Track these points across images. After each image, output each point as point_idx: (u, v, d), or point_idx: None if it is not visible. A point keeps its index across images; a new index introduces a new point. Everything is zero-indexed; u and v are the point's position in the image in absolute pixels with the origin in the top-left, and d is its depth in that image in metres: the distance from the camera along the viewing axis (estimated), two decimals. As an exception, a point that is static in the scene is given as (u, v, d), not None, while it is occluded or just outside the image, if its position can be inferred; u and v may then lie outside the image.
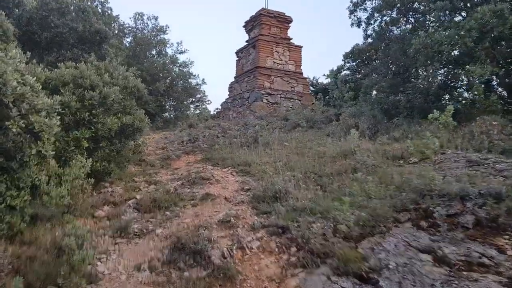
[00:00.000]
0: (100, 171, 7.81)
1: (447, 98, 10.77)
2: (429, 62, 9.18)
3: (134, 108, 8.27)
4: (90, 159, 6.59)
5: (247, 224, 5.55)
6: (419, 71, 10.13)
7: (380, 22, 13.07)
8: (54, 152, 4.85)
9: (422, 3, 11.64)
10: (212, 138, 13.25)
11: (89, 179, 6.56)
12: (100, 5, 19.25)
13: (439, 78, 9.67)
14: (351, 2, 12.81)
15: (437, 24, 9.40)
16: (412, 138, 9.14)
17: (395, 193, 5.95)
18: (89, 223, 5.88)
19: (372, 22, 13.07)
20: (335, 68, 23.24)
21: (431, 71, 9.05)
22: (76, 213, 5.93)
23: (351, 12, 12.82)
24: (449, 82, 10.70)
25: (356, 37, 71.26)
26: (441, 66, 9.15)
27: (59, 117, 4.96)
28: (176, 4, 65.24)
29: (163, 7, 60.12)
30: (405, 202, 5.64)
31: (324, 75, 24.63)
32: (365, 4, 12.77)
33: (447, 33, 8.98)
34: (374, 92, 14.01)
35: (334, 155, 8.64)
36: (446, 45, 8.87)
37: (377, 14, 12.85)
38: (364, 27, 13.22)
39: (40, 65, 7.09)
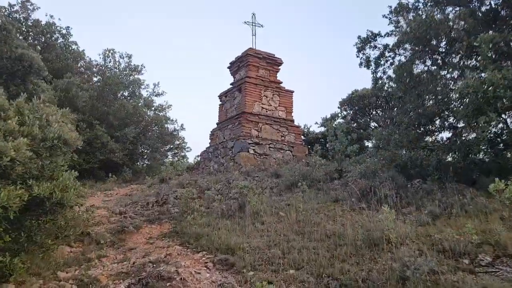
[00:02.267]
0: (-6, 272, 4.87)
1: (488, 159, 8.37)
2: (479, 111, 6.76)
3: (59, 169, 5.46)
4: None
5: None
6: (466, 122, 7.71)
7: (392, 63, 10.91)
8: None
9: (444, 41, 9.54)
10: (186, 200, 10.38)
11: None
12: (61, 38, 16.84)
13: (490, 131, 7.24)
14: (358, 38, 10.64)
15: (484, 63, 7.08)
16: (458, 215, 6.57)
17: None
18: None
19: (382, 62, 10.88)
20: (328, 116, 21.18)
21: (482, 123, 6.60)
22: None
23: (359, 49, 10.62)
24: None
25: (348, 84, 69.91)
26: (497, 116, 6.74)
27: None
28: (153, 45, 63.99)
29: (140, 47, 58.61)
30: None
31: (316, 123, 22.40)
32: (376, 40, 10.60)
33: (502, 74, 6.63)
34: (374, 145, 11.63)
35: (357, 242, 5.90)
36: (502, 90, 6.49)
37: (389, 53, 10.68)
38: (374, 68, 10.99)
39: None
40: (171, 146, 26.19)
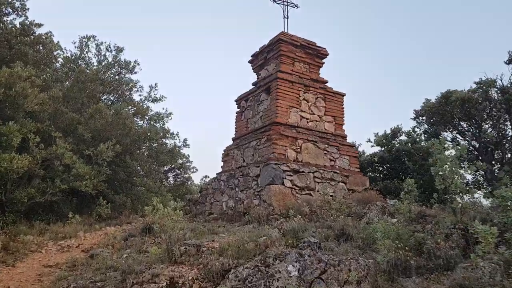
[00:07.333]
0: None
1: None
2: None
3: None
4: None
5: None
6: None
7: None
8: None
9: None
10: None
11: None
12: (14, 14, 11.62)
13: None
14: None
15: None
16: None
17: None
18: None
19: None
20: (388, 131, 15.42)
21: None
22: None
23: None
24: None
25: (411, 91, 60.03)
26: None
27: None
28: (151, 44, 58.98)
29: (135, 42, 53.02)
30: None
31: (368, 140, 16.59)
32: None
33: None
34: None
35: None
36: None
37: None
38: None
39: None
40: (172, 166, 20.76)
